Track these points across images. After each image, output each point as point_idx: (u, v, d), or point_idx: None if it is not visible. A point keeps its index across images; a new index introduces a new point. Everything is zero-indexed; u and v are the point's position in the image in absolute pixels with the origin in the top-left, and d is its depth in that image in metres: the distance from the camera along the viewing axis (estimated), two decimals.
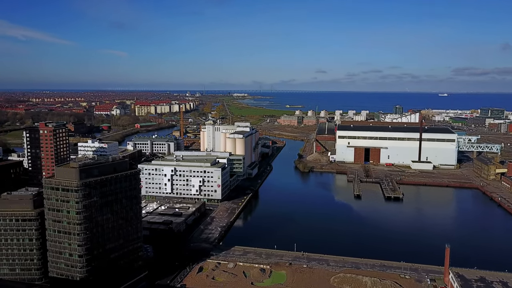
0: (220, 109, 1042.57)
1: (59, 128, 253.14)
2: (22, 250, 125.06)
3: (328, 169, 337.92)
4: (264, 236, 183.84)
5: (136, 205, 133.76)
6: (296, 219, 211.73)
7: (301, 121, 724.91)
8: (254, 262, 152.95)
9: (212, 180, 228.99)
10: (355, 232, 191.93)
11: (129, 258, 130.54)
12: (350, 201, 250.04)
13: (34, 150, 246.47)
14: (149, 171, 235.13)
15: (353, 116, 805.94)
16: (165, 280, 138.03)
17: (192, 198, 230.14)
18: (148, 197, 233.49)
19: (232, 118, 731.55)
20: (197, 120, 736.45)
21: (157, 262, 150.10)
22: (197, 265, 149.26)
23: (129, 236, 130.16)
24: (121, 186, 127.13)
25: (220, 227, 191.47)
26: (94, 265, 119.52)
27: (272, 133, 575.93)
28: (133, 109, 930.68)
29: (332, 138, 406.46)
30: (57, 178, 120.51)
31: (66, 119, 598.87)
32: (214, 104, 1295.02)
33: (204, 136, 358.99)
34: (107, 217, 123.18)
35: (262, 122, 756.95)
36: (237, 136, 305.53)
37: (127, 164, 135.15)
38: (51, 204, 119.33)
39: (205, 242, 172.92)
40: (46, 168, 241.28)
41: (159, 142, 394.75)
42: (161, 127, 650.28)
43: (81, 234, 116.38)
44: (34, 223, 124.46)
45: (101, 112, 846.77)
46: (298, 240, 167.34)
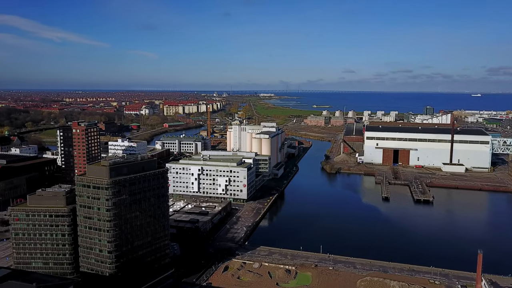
0: (247, 109, 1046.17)
1: (91, 127, 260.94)
2: (55, 245, 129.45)
3: (355, 171, 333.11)
4: (290, 237, 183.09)
5: (163, 204, 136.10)
6: (322, 220, 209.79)
7: (328, 122, 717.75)
8: (280, 262, 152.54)
9: (238, 180, 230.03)
10: (383, 235, 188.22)
11: (156, 256, 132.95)
12: (378, 203, 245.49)
13: (67, 148, 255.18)
14: (177, 170, 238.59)
15: (381, 117, 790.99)
16: (191, 278, 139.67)
17: (218, 198, 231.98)
18: (176, 195, 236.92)
19: (258, 118, 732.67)
20: (223, 120, 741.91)
21: (183, 260, 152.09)
22: (222, 264, 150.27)
23: (156, 234, 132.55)
24: (150, 185, 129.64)
25: (245, 227, 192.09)
26: (122, 261, 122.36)
27: (299, 134, 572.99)
28: (162, 109, 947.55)
29: (360, 139, 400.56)
30: (89, 176, 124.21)
31: (97, 118, 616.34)
32: (240, 104, 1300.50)
33: (230, 136, 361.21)
34: (135, 215, 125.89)
35: (289, 122, 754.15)
36: (263, 136, 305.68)
37: (155, 163, 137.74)
38: (82, 201, 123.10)
39: (231, 242, 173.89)
40: (78, 166, 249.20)
41: (187, 142, 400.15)
42: (189, 127, 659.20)
43: (110, 230, 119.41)
44: (66, 219, 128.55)
45: (131, 111, 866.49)
46: (324, 242, 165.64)
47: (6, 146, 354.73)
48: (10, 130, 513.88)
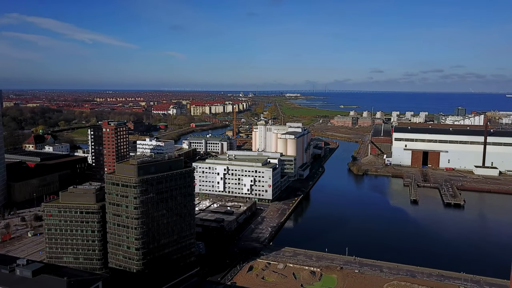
0: (272, 110, 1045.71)
1: (120, 126, 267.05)
2: (85, 240, 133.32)
3: (383, 172, 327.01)
4: (315, 238, 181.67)
5: (190, 202, 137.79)
6: (348, 222, 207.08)
7: (355, 122, 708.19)
8: (305, 264, 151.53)
9: (263, 180, 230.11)
10: (411, 239, 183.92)
11: (182, 254, 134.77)
12: (406, 206, 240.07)
13: (97, 147, 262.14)
14: (203, 169, 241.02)
15: (411, 118, 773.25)
16: (216, 277, 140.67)
17: (244, 197, 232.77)
18: (201, 194, 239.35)
19: (284, 119, 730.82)
20: (249, 120, 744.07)
21: (208, 258, 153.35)
22: (247, 264, 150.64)
23: (182, 232, 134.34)
24: (176, 184, 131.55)
25: (270, 227, 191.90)
26: (149, 258, 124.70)
27: (325, 134, 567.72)
28: (189, 109, 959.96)
29: (388, 140, 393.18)
30: (117, 174, 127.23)
31: (126, 118, 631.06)
32: (266, 105, 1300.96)
33: (256, 136, 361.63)
34: (162, 213, 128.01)
35: (315, 122, 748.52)
36: (289, 137, 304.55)
37: (182, 162, 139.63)
38: (111, 198, 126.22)
39: (256, 242, 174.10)
40: (108, 164, 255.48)
41: (213, 141, 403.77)
42: (215, 127, 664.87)
43: (138, 228, 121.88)
44: (96, 216, 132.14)
45: (159, 111, 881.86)
46: (350, 244, 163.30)
47: (41, 144, 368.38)
48: (44, 128, 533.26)
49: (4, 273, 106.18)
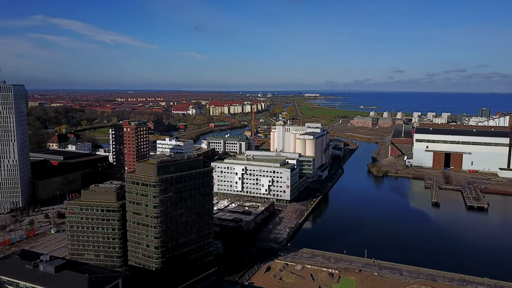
0: (291, 110, 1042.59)
1: (141, 126, 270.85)
2: (106, 238, 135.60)
3: (403, 174, 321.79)
4: (333, 240, 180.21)
5: (208, 202, 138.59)
6: (367, 224, 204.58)
7: (375, 123, 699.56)
8: (323, 265, 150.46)
9: (281, 180, 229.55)
10: (432, 242, 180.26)
11: (200, 253, 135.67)
12: (427, 208, 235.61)
13: (118, 146, 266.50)
14: (221, 169, 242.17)
15: (432, 119, 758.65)
16: (233, 277, 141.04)
17: (262, 198, 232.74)
18: (220, 194, 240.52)
19: (302, 119, 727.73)
20: (268, 121, 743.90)
21: (226, 258, 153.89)
22: (265, 264, 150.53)
23: (201, 232, 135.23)
24: (195, 183, 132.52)
25: (288, 228, 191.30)
26: (168, 257, 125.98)
27: (345, 135, 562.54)
28: (208, 109, 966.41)
29: (409, 142, 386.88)
30: (137, 173, 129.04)
31: (146, 117, 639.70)
32: (285, 105, 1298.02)
33: (274, 136, 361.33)
34: (181, 212, 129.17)
35: (334, 123, 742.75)
36: (307, 137, 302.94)
37: (201, 162, 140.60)
38: (131, 197, 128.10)
39: (273, 242, 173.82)
40: (128, 163, 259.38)
41: (231, 141, 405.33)
42: (234, 127, 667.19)
43: (157, 227, 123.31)
44: (116, 214, 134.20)
45: (178, 111, 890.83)
46: (369, 246, 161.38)
47: (64, 143, 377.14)
48: (67, 128, 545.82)
49: (28, 268, 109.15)
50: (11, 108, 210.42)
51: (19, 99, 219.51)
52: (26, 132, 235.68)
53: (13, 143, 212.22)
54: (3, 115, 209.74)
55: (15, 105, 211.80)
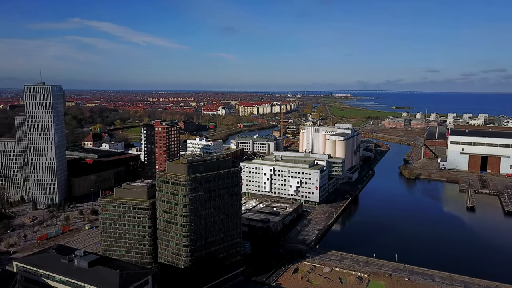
0: (321, 110, 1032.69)
1: (172, 126, 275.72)
2: (136, 235, 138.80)
3: (437, 177, 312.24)
4: (363, 243, 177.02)
5: (236, 202, 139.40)
6: (398, 228, 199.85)
7: (408, 124, 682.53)
8: (351, 269, 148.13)
9: (310, 182, 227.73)
10: (467, 247, 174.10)
11: (228, 252, 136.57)
12: (462, 213, 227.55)
13: (149, 145, 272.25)
14: (250, 169, 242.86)
15: (468, 120, 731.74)
16: (261, 277, 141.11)
17: (290, 199, 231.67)
18: (248, 194, 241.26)
19: (332, 119, 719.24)
20: (297, 121, 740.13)
21: (254, 258, 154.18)
22: (292, 266, 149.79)
23: (229, 231, 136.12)
24: (224, 183, 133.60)
25: (317, 230, 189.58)
26: (196, 255, 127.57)
27: (376, 136, 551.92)
28: (237, 110, 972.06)
29: (443, 144, 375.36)
30: (168, 172, 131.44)
31: (177, 117, 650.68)
32: (314, 105, 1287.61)
33: (303, 137, 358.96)
34: (210, 211, 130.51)
35: (365, 124, 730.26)
36: (337, 138, 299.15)
37: (230, 162, 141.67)
38: (162, 196, 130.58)
39: (301, 244, 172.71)
40: (159, 162, 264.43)
41: (260, 142, 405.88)
42: (262, 127, 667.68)
43: (186, 225, 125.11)
44: (147, 212, 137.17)
45: (208, 111, 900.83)
46: (399, 251, 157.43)
47: (98, 141, 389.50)
48: (101, 127, 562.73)
49: (64, 262, 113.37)
50: (50, 108, 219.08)
51: (57, 99, 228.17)
52: (63, 131, 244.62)
53: (51, 141, 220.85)
54: (42, 115, 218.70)
55: (53, 105, 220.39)
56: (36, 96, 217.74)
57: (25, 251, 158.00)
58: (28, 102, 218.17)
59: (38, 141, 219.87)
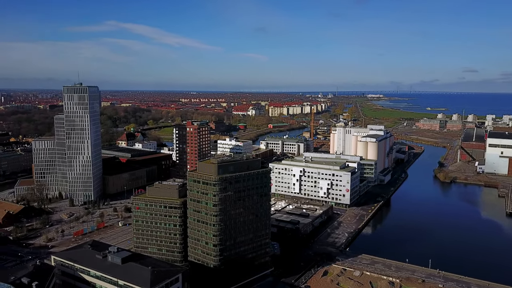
0: (353, 111, 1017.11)
1: (203, 126, 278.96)
2: (167, 233, 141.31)
3: (474, 181, 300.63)
4: (395, 247, 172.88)
5: (266, 202, 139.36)
6: (432, 233, 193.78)
7: (444, 126, 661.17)
8: (382, 273, 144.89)
9: (341, 184, 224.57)
10: (506, 255, 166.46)
11: (257, 253, 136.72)
12: (501, 219, 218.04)
13: (181, 145, 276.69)
14: (279, 170, 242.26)
15: (508, 122, 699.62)
16: (289, 279, 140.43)
17: (320, 201, 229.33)
18: (277, 195, 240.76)
19: (364, 121, 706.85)
20: (328, 122, 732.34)
21: (283, 260, 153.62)
22: (322, 269, 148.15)
23: (258, 232, 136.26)
24: (253, 183, 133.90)
25: (347, 233, 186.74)
26: (225, 255, 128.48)
27: (409, 138, 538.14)
28: (267, 110, 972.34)
29: (481, 146, 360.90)
30: (199, 172, 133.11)
31: (208, 118, 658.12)
32: (346, 106, 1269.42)
33: (334, 138, 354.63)
34: (239, 211, 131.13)
35: (398, 125, 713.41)
36: (370, 140, 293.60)
37: (259, 163, 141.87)
38: (192, 195, 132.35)
39: (331, 246, 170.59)
40: (190, 162, 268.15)
41: (290, 143, 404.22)
42: (292, 128, 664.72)
43: (216, 225, 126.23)
44: (178, 211, 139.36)
45: (239, 112, 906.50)
46: (433, 256, 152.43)
47: (131, 141, 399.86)
48: (135, 127, 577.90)
49: (98, 258, 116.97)
50: (86, 108, 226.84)
51: (93, 99, 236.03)
52: (98, 131, 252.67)
53: (87, 140, 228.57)
54: (79, 115, 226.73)
55: (90, 105, 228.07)
56: (74, 97, 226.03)
57: (62, 246, 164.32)
58: (66, 103, 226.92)
59: (75, 140, 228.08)
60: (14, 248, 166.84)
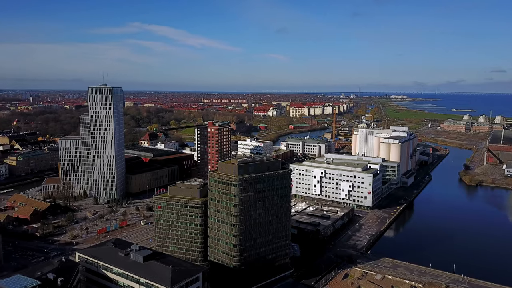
0: (375, 112, 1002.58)
1: (224, 127, 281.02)
2: (188, 233, 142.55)
3: (501, 185, 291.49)
4: (418, 251, 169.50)
5: (286, 203, 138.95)
6: (457, 237, 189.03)
7: (470, 127, 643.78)
8: (405, 277, 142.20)
9: (363, 186, 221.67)
10: None
11: (276, 254, 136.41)
12: None
13: (202, 145, 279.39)
14: (300, 171, 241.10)
15: None
16: (309, 281, 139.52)
17: (341, 202, 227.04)
18: (297, 196, 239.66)
19: (387, 122, 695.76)
20: (349, 123, 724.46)
21: (303, 261, 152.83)
22: (342, 271, 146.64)
23: (278, 233, 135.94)
24: (273, 184, 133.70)
25: (368, 235, 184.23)
26: (245, 255, 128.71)
27: (434, 140, 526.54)
28: (288, 111, 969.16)
29: (509, 149, 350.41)
30: (220, 172, 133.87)
31: (229, 118, 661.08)
32: (368, 107, 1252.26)
33: (356, 139, 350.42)
34: (259, 212, 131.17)
35: (422, 126, 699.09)
36: (392, 141, 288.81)
37: (279, 164, 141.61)
38: (213, 195, 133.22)
39: (352, 249, 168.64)
40: (211, 162, 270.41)
41: (311, 144, 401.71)
42: (313, 129, 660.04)
43: (236, 225, 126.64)
44: (199, 211, 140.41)
45: (259, 113, 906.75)
46: (458, 261, 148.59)
47: (154, 141, 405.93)
48: (157, 127, 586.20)
49: (121, 256, 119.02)
50: (110, 109, 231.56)
51: (117, 100, 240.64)
52: (122, 130, 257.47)
53: (111, 140, 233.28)
54: (103, 115, 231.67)
55: (114, 105, 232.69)
56: (99, 97, 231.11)
57: (86, 243, 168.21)
58: (91, 103, 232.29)
59: (100, 140, 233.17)
60: (41, 244, 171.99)
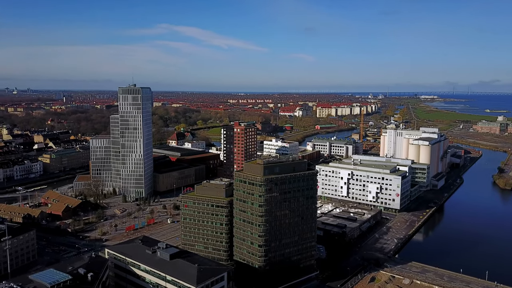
0: (404, 112, 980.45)
1: (249, 127, 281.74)
2: (214, 232, 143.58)
3: None
4: (448, 256, 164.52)
5: (312, 205, 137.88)
6: (490, 243, 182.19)
7: (504, 129, 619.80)
8: (434, 283, 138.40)
9: (391, 188, 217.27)
10: None
11: (302, 255, 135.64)
12: None
13: (228, 145, 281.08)
14: (326, 172, 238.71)
15: None
16: (335, 283, 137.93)
17: (368, 205, 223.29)
18: (324, 198, 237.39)
19: (417, 123, 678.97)
20: (378, 124, 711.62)
21: (328, 263, 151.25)
22: (369, 274, 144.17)
23: (303, 234, 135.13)
24: (299, 185, 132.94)
25: (396, 239, 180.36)
26: (270, 256, 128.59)
27: (466, 141, 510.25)
28: (315, 111, 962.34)
29: None
30: (245, 172, 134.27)
31: (255, 119, 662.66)
32: (397, 107, 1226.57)
33: (384, 140, 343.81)
34: (284, 213, 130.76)
35: (454, 128, 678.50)
36: (422, 143, 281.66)
37: (305, 165, 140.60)
38: (239, 195, 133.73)
39: (379, 252, 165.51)
40: (237, 162, 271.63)
41: (337, 144, 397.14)
42: (341, 129, 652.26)
43: (261, 225, 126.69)
44: (224, 210, 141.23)
45: (285, 113, 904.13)
46: (490, 268, 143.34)
47: (181, 140, 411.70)
48: (185, 127, 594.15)
49: (148, 253, 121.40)
50: (139, 108, 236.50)
51: (146, 100, 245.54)
52: (150, 130, 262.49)
53: (140, 139, 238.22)
54: (132, 114, 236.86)
55: (143, 105, 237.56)
56: (128, 98, 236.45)
57: (115, 240, 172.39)
58: (121, 103, 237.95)
59: (129, 139, 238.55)
60: (72, 240, 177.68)
